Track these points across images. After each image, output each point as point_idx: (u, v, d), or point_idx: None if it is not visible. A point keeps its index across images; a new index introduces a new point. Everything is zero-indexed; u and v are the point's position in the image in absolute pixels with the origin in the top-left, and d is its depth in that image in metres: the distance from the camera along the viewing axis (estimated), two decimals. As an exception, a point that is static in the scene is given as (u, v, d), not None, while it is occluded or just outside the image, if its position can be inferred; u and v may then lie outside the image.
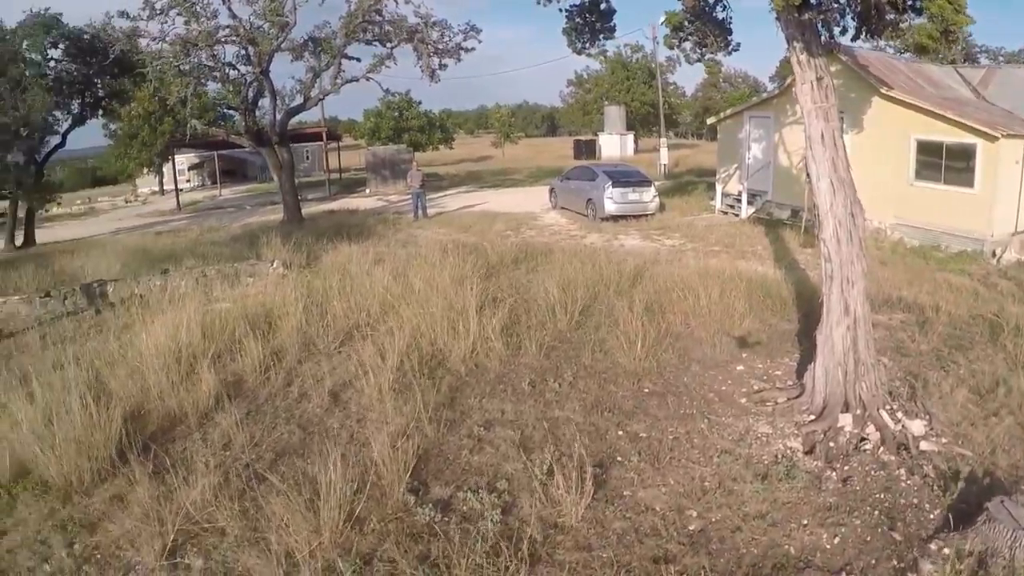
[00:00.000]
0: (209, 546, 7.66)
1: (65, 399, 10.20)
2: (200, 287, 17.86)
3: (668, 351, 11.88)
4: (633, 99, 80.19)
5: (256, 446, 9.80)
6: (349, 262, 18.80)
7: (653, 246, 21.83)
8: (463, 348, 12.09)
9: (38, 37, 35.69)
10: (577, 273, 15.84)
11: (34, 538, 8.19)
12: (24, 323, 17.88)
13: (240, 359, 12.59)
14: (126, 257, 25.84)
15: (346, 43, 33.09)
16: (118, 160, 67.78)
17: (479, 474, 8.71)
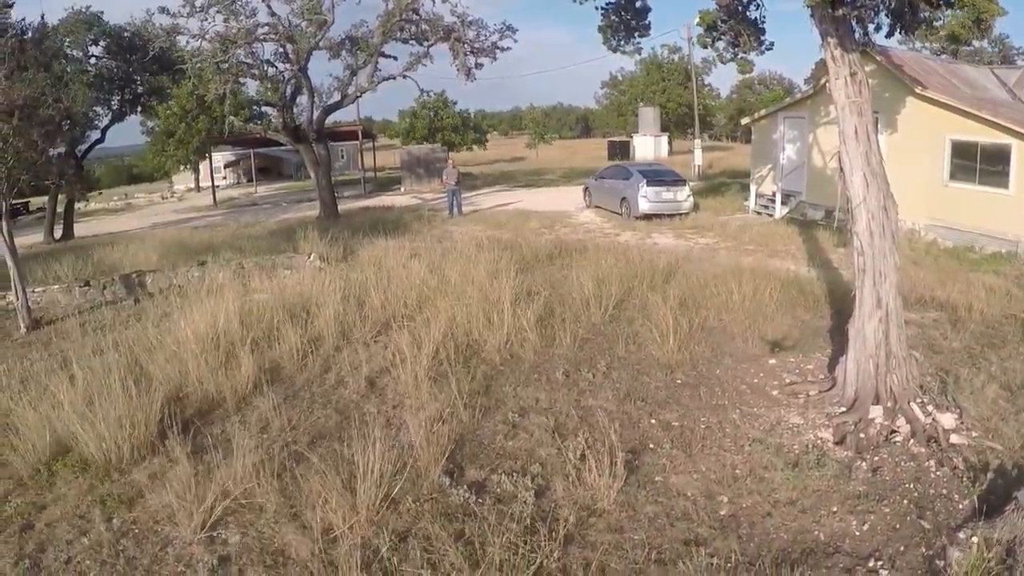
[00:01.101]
0: (247, 522, 7.86)
1: (105, 381, 10.41)
2: (238, 279, 18.02)
3: (701, 344, 11.99)
4: (668, 100, 79.98)
5: (293, 429, 10.01)
6: (385, 256, 19.01)
7: (687, 244, 21.91)
8: (498, 339, 12.26)
9: (79, 34, 36.43)
10: (611, 268, 15.98)
11: (73, 512, 8.41)
12: (63, 311, 18.30)
13: (278, 346, 12.84)
14: (164, 250, 26.11)
15: (383, 41, 33.36)
16: (155, 157, 68.49)
17: (513, 458, 8.87)
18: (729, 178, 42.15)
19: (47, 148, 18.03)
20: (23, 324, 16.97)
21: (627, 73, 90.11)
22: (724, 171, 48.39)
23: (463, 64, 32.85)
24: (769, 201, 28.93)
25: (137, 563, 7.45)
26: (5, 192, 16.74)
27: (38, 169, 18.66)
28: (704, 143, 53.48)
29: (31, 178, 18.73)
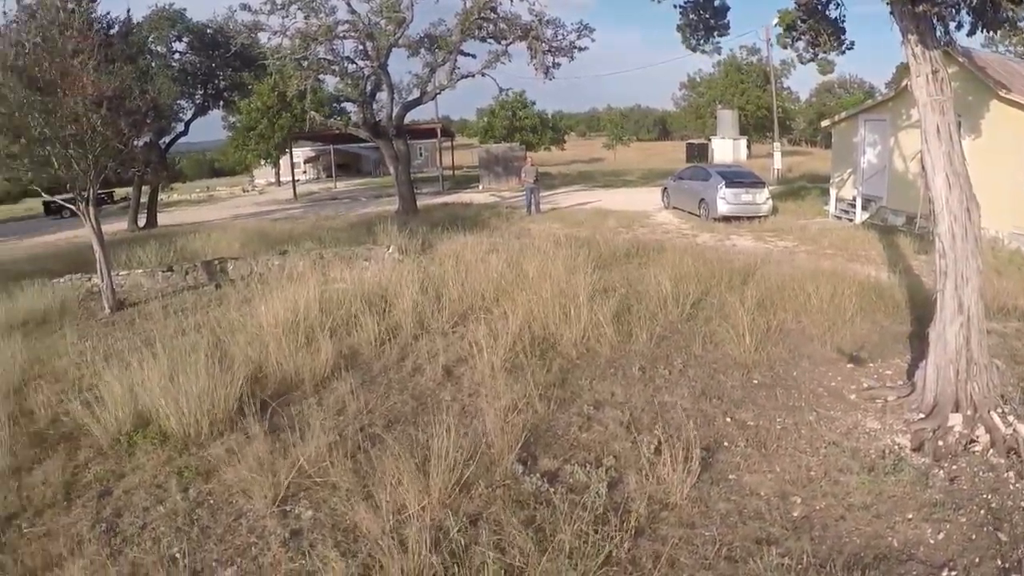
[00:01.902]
0: (319, 499, 8.05)
1: (188, 359, 10.72)
2: (317, 268, 18.30)
3: (778, 346, 11.89)
4: (747, 103, 79.26)
5: (369, 413, 10.17)
6: (464, 250, 19.15)
7: (765, 247, 21.72)
8: (574, 333, 12.28)
9: (163, 31, 37.74)
10: (689, 268, 15.91)
11: (151, 482, 8.76)
12: (146, 295, 19.07)
13: (356, 333, 13.07)
14: (245, 239, 26.83)
15: (461, 39, 33.71)
16: (236, 151, 69.93)
17: (587, 450, 8.91)
18: (808, 182, 41.61)
19: (133, 138, 18.56)
20: (107, 305, 17.67)
21: (705, 75, 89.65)
22: (803, 175, 47.74)
23: (541, 63, 33.02)
24: (849, 206, 28.52)
25: (211, 532, 7.71)
26: (92, 179, 17.24)
27: (124, 158, 19.21)
28: (783, 147, 52.77)
29: (116, 166, 19.28)
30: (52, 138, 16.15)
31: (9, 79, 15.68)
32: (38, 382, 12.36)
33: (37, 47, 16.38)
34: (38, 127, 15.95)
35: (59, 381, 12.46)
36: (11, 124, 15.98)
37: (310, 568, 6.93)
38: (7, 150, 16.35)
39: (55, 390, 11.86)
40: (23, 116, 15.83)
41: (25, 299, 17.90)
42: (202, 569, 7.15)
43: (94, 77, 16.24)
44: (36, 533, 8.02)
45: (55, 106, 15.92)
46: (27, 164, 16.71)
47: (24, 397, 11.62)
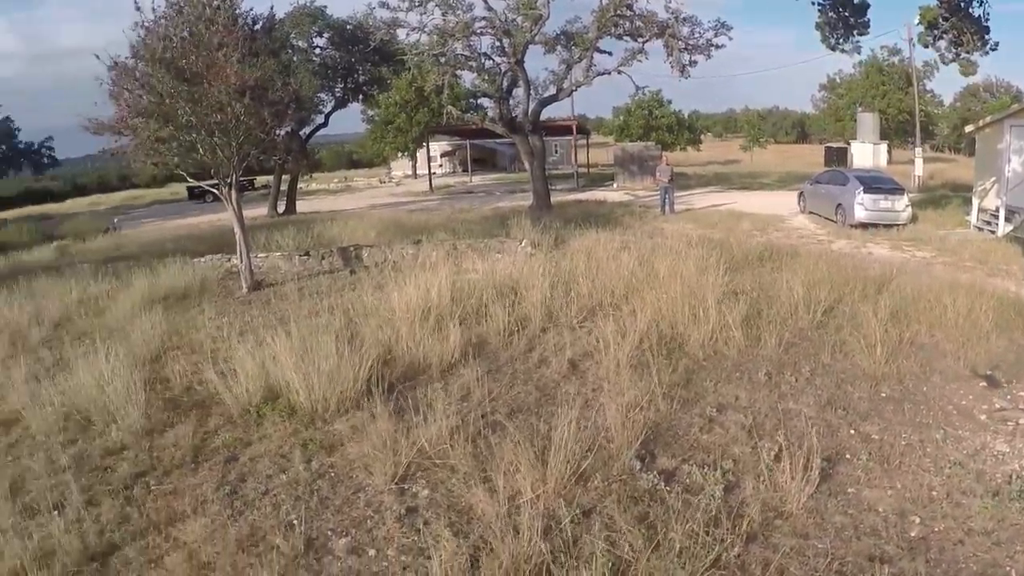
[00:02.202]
0: (437, 480, 8.33)
1: (320, 339, 11.24)
2: (450, 258, 18.75)
3: (909, 359, 11.56)
4: (888, 105, 76.82)
5: (493, 401, 10.36)
6: (595, 247, 19.19)
7: (902, 256, 21.17)
8: (702, 334, 12.26)
9: (304, 26, 39.22)
10: (822, 275, 15.64)
11: (276, 452, 9.29)
12: (282, 277, 20.04)
13: (485, 323, 13.38)
14: (380, 228, 27.60)
15: (598, 37, 33.59)
16: (374, 144, 71.25)
17: (706, 452, 8.92)
18: (950, 191, 40.16)
19: (275, 127, 19.44)
20: (245, 284, 18.83)
21: (845, 76, 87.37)
22: (946, 183, 46.11)
23: (677, 61, 32.68)
24: (992, 217, 27.36)
25: (329, 503, 8.11)
26: (235, 166, 18.36)
27: (265, 146, 20.22)
28: (925, 153, 51.09)
29: (259, 154, 20.36)
30: (198, 125, 17.20)
31: (158, 70, 16.73)
32: (175, 352, 13.29)
33: (184, 41, 17.24)
34: (185, 115, 16.99)
35: (195, 352, 13.28)
36: (160, 110, 16.90)
37: (422, 544, 7.19)
38: (156, 134, 17.28)
39: (190, 361, 12.67)
40: (171, 104, 16.72)
41: (167, 276, 19.32)
42: (317, 537, 7.51)
43: (237, 68, 17.01)
44: (163, 491, 8.60)
45: (201, 95, 16.77)
46: (174, 148, 17.75)
47: (161, 365, 12.46)
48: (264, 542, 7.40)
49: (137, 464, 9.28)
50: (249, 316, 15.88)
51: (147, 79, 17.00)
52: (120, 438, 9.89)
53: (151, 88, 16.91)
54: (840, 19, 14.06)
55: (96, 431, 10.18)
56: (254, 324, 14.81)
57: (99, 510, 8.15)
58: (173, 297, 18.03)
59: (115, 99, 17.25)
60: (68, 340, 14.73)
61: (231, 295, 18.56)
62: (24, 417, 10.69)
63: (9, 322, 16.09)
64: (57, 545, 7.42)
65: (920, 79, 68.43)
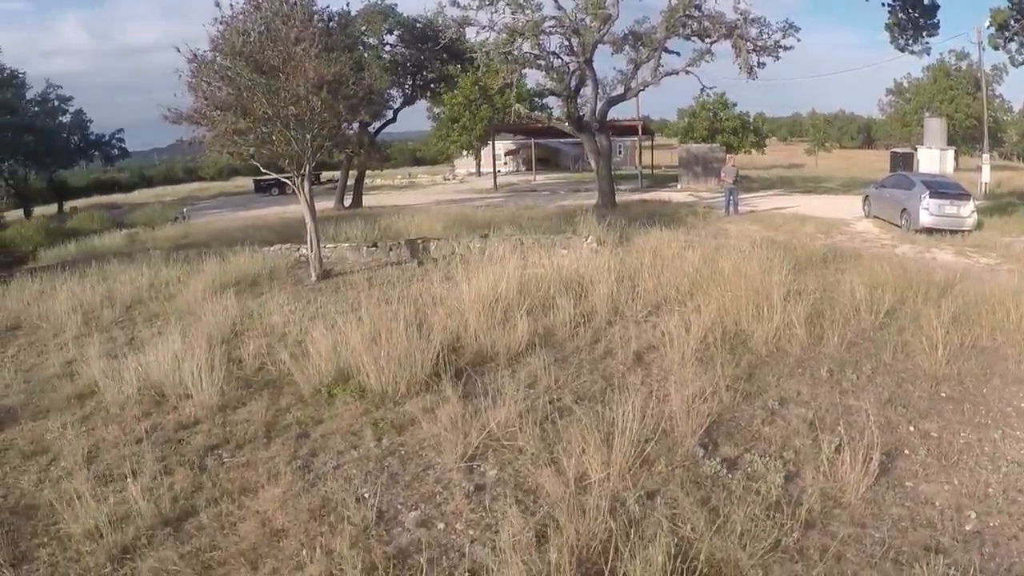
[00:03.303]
0: (505, 460, 8.70)
1: (390, 325, 11.63)
2: (517, 253, 18.82)
3: (970, 361, 11.66)
4: (955, 110, 75.52)
5: (559, 388, 10.72)
6: (660, 245, 19.41)
7: (966, 262, 21.04)
8: (765, 331, 12.44)
9: (375, 24, 39.86)
10: (885, 277, 15.74)
11: (347, 430, 9.74)
12: (350, 267, 20.60)
13: (552, 315, 13.66)
14: (447, 222, 28.03)
15: (666, 37, 33.65)
16: (439, 141, 71.92)
17: (767, 442, 9.16)
18: (1017, 199, 39.56)
19: (350, 121, 20.28)
20: (314, 273, 19.34)
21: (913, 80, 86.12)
22: (1012, 191, 45.26)
23: (745, 62, 32.67)
24: (1062, 225, 26.98)
25: (399, 479, 8.49)
26: (309, 157, 18.92)
27: (339, 139, 21.14)
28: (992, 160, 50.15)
29: (332, 146, 21.29)
30: (274, 117, 17.81)
31: (237, 63, 17.48)
32: (248, 334, 13.98)
33: (262, 35, 17.85)
34: (262, 107, 17.61)
35: (267, 335, 13.85)
36: (239, 103, 17.70)
37: (489, 520, 7.55)
38: (235, 126, 17.96)
39: (262, 343, 13.19)
40: (249, 97, 17.52)
41: (236, 263, 20.07)
42: (388, 510, 7.88)
43: (316, 63, 17.54)
44: (236, 463, 9.08)
45: (278, 88, 17.34)
46: (251, 140, 18.41)
47: (235, 347, 13.08)
48: (336, 513, 7.77)
49: (211, 437, 9.76)
50: (319, 302, 16.37)
51: (225, 72, 17.70)
52: (194, 413, 10.40)
53: (230, 80, 17.57)
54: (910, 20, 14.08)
55: (170, 405, 10.68)
56: (324, 310, 15.36)
57: (173, 479, 8.56)
58: (243, 283, 18.57)
59: (193, 91, 17.95)
60: (140, 321, 15.84)
61: (300, 283, 19.02)
62: (99, 390, 11.26)
63: (82, 302, 16.90)
64: (132, 509, 7.85)
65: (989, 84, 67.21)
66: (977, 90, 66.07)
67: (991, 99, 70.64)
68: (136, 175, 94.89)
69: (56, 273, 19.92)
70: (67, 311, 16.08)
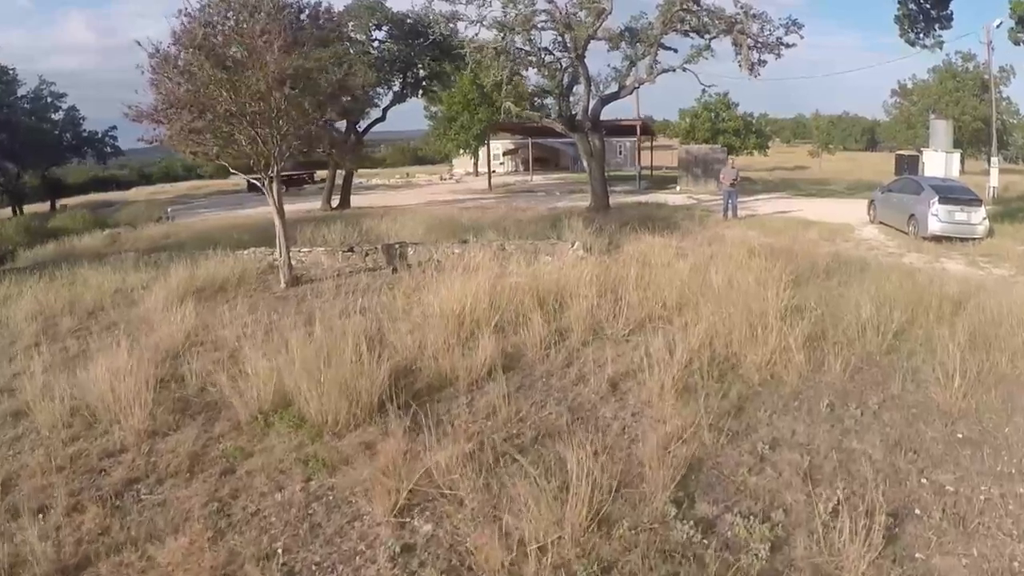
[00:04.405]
0: (443, 513, 7.57)
1: (343, 343, 10.69)
2: (497, 260, 18.15)
3: (990, 393, 10.21)
4: (962, 113, 74.26)
5: (520, 421, 9.59)
6: (651, 252, 18.42)
7: (979, 273, 19.72)
8: (760, 355, 11.13)
9: (363, 19, 39.43)
10: (894, 292, 14.47)
11: (276, 467, 8.68)
12: (324, 272, 19.92)
13: (524, 332, 12.56)
14: (430, 225, 27.13)
15: (663, 32, 32.70)
16: (436, 141, 71.43)
17: (754, 498, 7.82)
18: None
19: (317, 118, 19.32)
20: (283, 280, 18.66)
21: (918, 81, 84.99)
22: (1021, 195, 44.07)
23: (746, 59, 31.51)
24: (1078, 233, 25.61)
25: (320, 532, 7.49)
26: (277, 157, 18.15)
27: (310, 139, 20.30)
28: (999, 164, 48.84)
29: (302, 146, 20.37)
30: (238, 115, 17.11)
31: (197, 57, 16.69)
32: (199, 348, 13.11)
33: (230, 29, 17.34)
34: (224, 104, 16.88)
35: (218, 350, 12.95)
36: (196, 100, 16.92)
37: (412, 591, 6.48)
38: (190, 125, 17.26)
39: (212, 358, 12.33)
40: (209, 93, 16.76)
41: (207, 268, 19.26)
42: (300, 571, 6.89)
43: (277, 57, 16.70)
44: (152, 501, 8.15)
45: (240, 83, 16.76)
46: (209, 139, 17.83)
47: (183, 362, 11.97)
48: (240, 572, 6.82)
49: (133, 469, 8.86)
50: (279, 313, 15.49)
51: (187, 67, 16.92)
52: (122, 439, 9.53)
53: (191, 76, 16.81)
54: (921, 11, 12.86)
55: (101, 429, 9.85)
56: (283, 323, 14.26)
57: (83, 517, 7.75)
58: (210, 289, 17.90)
59: (156, 87, 17.31)
60: (96, 331, 14.87)
61: (269, 290, 18.37)
62: (31, 410, 10.36)
63: (44, 309, 16.43)
64: (31, 553, 7.04)
65: (996, 86, 66.03)
66: (984, 92, 64.83)
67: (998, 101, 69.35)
68: (135, 172, 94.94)
69: (27, 276, 19.51)
70: (27, 318, 15.67)
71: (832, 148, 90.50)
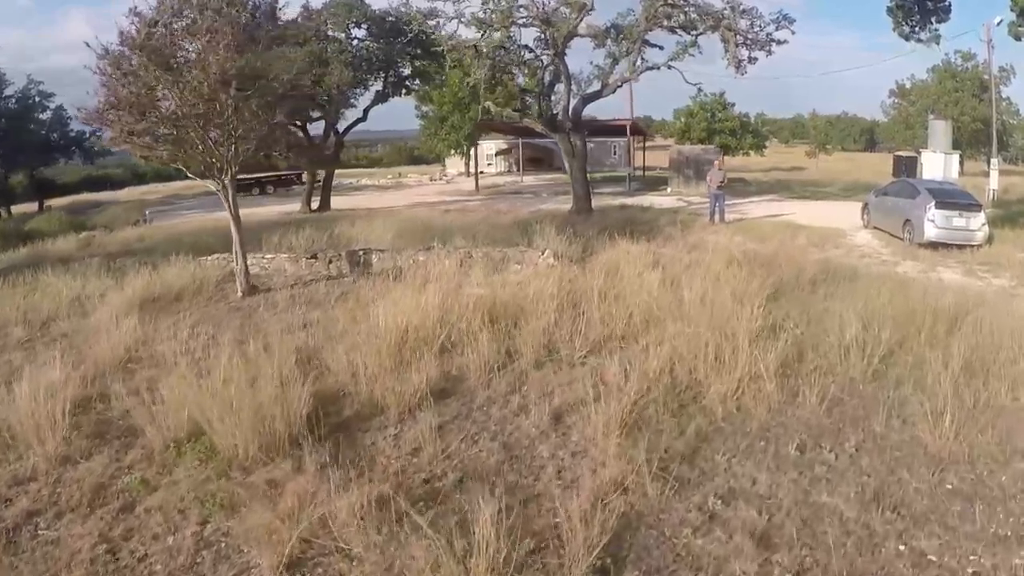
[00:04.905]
0: (335, 571, 6.70)
1: (267, 365, 10.12)
2: (465, 267, 17.71)
3: (986, 432, 8.79)
4: (961, 113, 73.11)
5: (447, 459, 8.60)
6: (626, 261, 17.22)
7: (977, 284, 18.40)
8: (726, 384, 9.90)
9: (341, 17, 38.87)
10: (884, 307, 13.24)
11: (176, 505, 7.93)
12: (285, 281, 19.23)
13: (472, 352, 11.47)
14: (402, 229, 26.17)
15: (647, 28, 31.51)
16: (428, 141, 70.91)
17: (695, 568, 6.52)
18: (1029, 206, 36.91)
19: (268, 120, 18.64)
20: (240, 289, 18.02)
21: (917, 81, 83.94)
22: (1022, 199, 42.69)
23: (732, 56, 30.26)
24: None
25: None
26: (230, 160, 17.72)
27: (268, 141, 20.18)
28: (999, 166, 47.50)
29: (260, 148, 20.05)
30: (186, 117, 16.57)
31: (140, 58, 16.29)
32: (136, 365, 12.31)
33: (182, 29, 17.05)
34: (170, 106, 16.63)
35: (157, 367, 12.04)
36: (138, 102, 16.43)
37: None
38: (130, 127, 16.68)
39: (146, 376, 11.56)
40: (152, 95, 16.52)
41: (168, 275, 18.67)
42: None
43: (220, 56, 16.22)
44: (47, 539, 7.52)
45: (184, 85, 16.29)
46: (147, 142, 17.15)
47: (115, 380, 11.20)
48: None
49: (37, 500, 8.19)
50: (225, 327, 14.55)
51: (131, 68, 16.58)
52: (34, 465, 8.87)
53: (136, 77, 16.42)
54: (916, 2, 11.55)
55: (16, 454, 9.19)
56: (225, 339, 13.06)
57: None
58: (166, 298, 17.28)
59: (108, 89, 16.78)
60: (44, 343, 14.31)
61: (225, 299, 17.64)
62: None
63: None
64: None
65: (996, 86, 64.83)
66: (984, 92, 63.69)
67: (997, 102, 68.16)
68: (129, 172, 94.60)
69: (-9, 282, 18.98)
70: (-22, 329, 14.97)
71: (829, 148, 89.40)
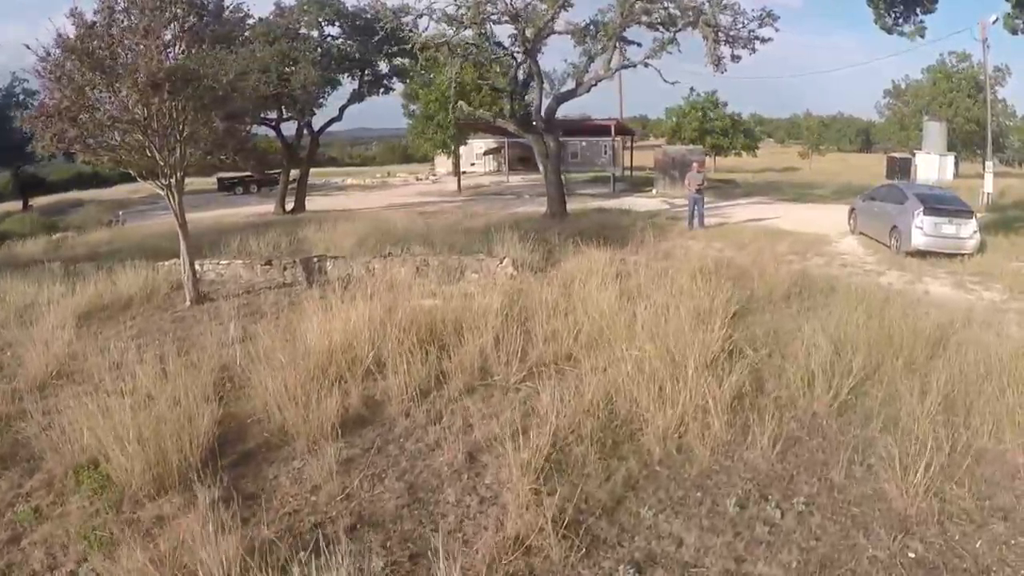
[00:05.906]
0: None
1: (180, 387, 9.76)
2: (420, 276, 17.15)
3: (961, 484, 7.57)
4: (955, 114, 72.26)
5: (347, 499, 7.93)
6: (590, 271, 16.06)
7: (967, 298, 16.94)
8: (668, 419, 8.77)
9: (312, 15, 38.41)
10: (860, 326, 12.01)
11: (61, 540, 7.58)
12: (238, 288, 18.85)
13: (399, 376, 10.55)
14: (365, 234, 25.43)
15: (623, 25, 30.20)
16: (415, 140, 70.25)
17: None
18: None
19: (203, 123, 18.04)
20: (188, 298, 17.71)
21: (912, 82, 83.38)
22: (1017, 202, 41.25)
23: (711, 53, 28.95)
24: (1079, 245, 23.02)
25: None
26: (174, 165, 17.43)
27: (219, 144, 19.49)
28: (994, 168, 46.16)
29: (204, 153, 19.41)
30: (123, 121, 16.32)
31: (72, 61, 15.85)
32: (63, 382, 11.90)
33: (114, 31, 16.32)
34: (106, 111, 16.30)
35: (83, 383, 11.58)
36: (69, 108, 15.98)
37: None
38: (61, 134, 16.23)
39: (72, 392, 11.09)
40: (84, 98, 16.03)
41: (124, 281, 18.36)
42: None
43: (149, 59, 15.87)
44: None
45: (118, 88, 16.03)
46: (79, 147, 16.79)
47: (34, 400, 10.87)
48: None
49: None
50: (163, 340, 14.03)
51: (63, 72, 16.07)
52: None
53: (71, 81, 15.95)
54: (900, -7, 10.40)
55: None
56: (153, 354, 12.37)
57: None
58: (115, 306, 17.00)
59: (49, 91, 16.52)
60: None
61: (172, 308, 17.21)
62: None
63: None
64: None
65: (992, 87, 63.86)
66: (978, 92, 62.75)
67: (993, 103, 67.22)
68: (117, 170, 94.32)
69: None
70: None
71: (823, 149, 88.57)
